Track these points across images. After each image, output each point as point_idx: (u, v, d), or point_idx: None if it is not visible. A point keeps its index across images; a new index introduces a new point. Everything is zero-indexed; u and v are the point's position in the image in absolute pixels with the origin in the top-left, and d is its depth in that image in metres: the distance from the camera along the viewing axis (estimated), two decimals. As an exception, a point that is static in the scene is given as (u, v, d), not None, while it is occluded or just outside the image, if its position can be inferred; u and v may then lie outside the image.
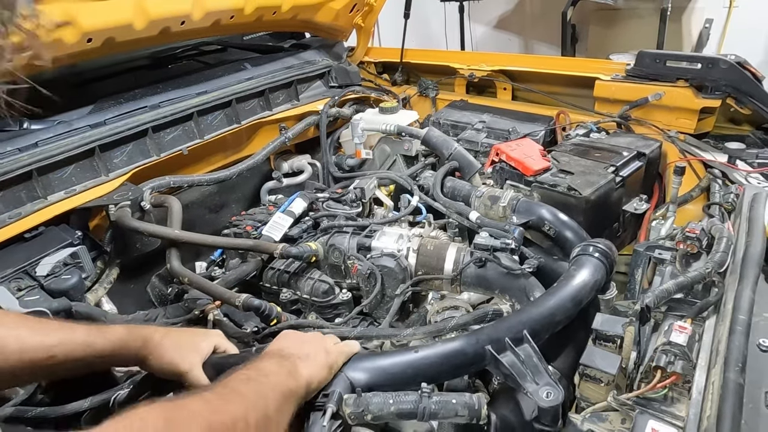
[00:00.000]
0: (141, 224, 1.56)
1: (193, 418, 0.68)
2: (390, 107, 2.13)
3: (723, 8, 4.20)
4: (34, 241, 1.45)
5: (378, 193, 1.83)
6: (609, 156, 1.71)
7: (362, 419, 0.89)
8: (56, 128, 1.63)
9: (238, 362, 1.07)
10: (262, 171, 2.25)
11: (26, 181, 1.50)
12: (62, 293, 1.33)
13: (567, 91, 2.28)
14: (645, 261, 1.41)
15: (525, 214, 1.52)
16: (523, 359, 0.98)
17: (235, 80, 2.11)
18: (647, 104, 1.95)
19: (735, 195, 1.50)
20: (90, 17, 1.51)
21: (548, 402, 0.89)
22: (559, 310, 1.11)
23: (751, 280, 1.04)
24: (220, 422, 0.70)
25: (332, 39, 2.58)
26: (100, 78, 2.08)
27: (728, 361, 0.87)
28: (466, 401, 0.90)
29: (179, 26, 1.77)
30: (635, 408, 0.93)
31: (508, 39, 5.61)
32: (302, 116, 2.27)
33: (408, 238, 1.50)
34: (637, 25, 4.17)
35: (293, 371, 0.87)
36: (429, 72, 2.69)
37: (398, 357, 1.01)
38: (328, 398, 0.89)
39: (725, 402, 0.80)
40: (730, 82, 1.78)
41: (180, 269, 1.48)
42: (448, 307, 1.38)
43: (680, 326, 0.99)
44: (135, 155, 1.77)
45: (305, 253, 1.46)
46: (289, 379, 0.85)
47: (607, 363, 1.05)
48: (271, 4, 2.01)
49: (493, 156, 1.80)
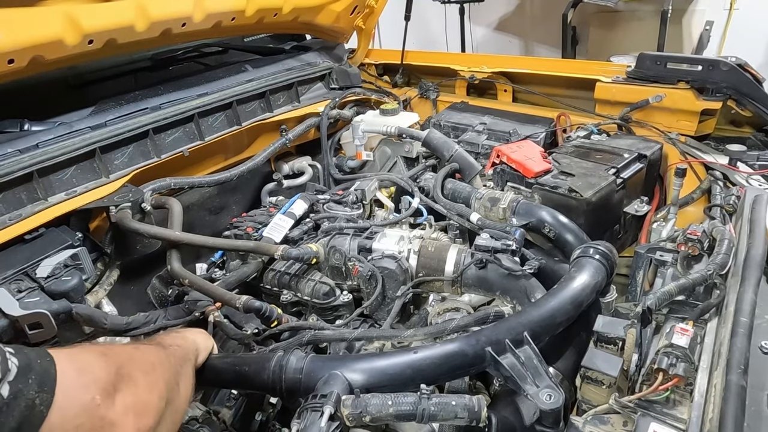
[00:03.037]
0: (141, 226, 1.56)
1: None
2: (391, 109, 2.13)
3: (723, 10, 4.21)
4: (35, 243, 1.45)
5: (379, 195, 1.82)
6: (610, 158, 1.71)
7: (360, 421, 0.88)
8: (57, 130, 1.63)
9: (235, 363, 1.08)
10: (262, 173, 2.25)
11: (27, 183, 1.50)
12: (62, 295, 1.33)
13: (568, 93, 2.28)
14: (646, 263, 1.40)
15: (525, 216, 1.52)
16: (523, 361, 0.97)
17: (236, 82, 2.11)
18: (648, 106, 1.95)
19: (736, 197, 1.50)
20: (91, 19, 1.51)
21: (549, 405, 0.88)
22: (559, 312, 1.11)
23: (753, 282, 1.04)
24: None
25: (333, 41, 2.58)
26: (100, 79, 2.08)
27: (730, 363, 0.86)
28: (466, 403, 0.90)
29: (180, 28, 1.77)
30: (637, 410, 0.93)
31: (509, 41, 5.62)
32: (303, 118, 2.27)
33: (409, 239, 1.50)
34: (638, 27, 4.18)
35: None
36: (430, 74, 2.69)
37: (397, 358, 1.01)
38: (326, 399, 0.88)
39: (727, 404, 0.80)
40: (730, 84, 1.78)
41: (180, 271, 1.48)
42: (449, 308, 1.38)
43: (682, 328, 0.99)
44: (136, 157, 1.77)
45: (306, 254, 1.46)
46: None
47: (609, 365, 1.05)
48: (272, 6, 2.01)
49: (494, 158, 1.80)
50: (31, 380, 0.61)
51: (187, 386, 0.93)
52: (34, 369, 0.63)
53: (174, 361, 0.90)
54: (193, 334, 1.07)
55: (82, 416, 0.66)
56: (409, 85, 2.76)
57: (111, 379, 0.72)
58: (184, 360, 0.96)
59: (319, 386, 0.95)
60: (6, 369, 0.60)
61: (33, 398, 0.61)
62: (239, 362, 1.08)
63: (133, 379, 0.75)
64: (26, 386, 0.61)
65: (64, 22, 1.45)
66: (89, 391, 0.68)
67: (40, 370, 0.63)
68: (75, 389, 0.67)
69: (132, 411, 0.72)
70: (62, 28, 1.46)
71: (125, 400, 0.72)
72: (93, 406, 0.68)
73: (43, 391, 0.62)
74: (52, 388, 0.63)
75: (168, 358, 0.89)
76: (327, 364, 1.00)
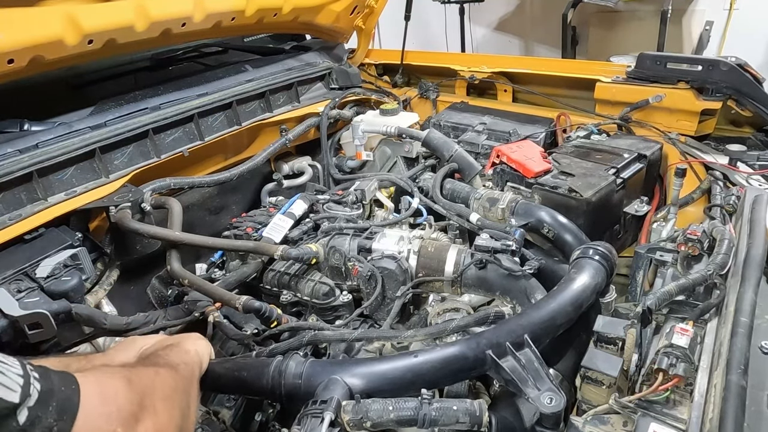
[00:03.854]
0: (141, 226, 1.56)
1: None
2: (390, 109, 2.13)
3: (723, 10, 4.21)
4: (34, 243, 1.45)
5: (378, 195, 1.82)
6: (610, 158, 1.71)
7: (361, 426, 0.88)
8: (57, 130, 1.62)
9: (234, 368, 1.07)
10: (262, 173, 2.25)
11: (27, 183, 1.50)
12: (62, 295, 1.32)
13: (567, 93, 2.28)
14: (646, 263, 1.40)
15: (524, 217, 1.52)
16: (524, 364, 0.97)
17: (236, 82, 2.11)
18: (648, 106, 1.95)
19: (736, 197, 1.50)
20: (91, 19, 1.51)
21: (550, 408, 0.88)
22: (559, 314, 1.10)
23: (753, 282, 1.04)
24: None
25: (333, 41, 2.58)
26: (100, 79, 2.08)
27: (730, 363, 0.86)
28: (467, 408, 0.90)
29: (180, 28, 1.77)
30: (637, 410, 0.93)
31: (509, 41, 5.63)
32: (303, 118, 2.27)
33: (408, 240, 1.50)
34: (638, 27, 4.18)
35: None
36: (429, 74, 2.69)
37: (397, 362, 1.00)
38: (326, 405, 0.88)
39: (727, 404, 0.80)
40: (730, 84, 1.78)
41: (180, 271, 1.48)
42: (448, 308, 1.38)
43: (682, 328, 0.99)
44: (135, 157, 1.77)
45: (306, 255, 1.46)
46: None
47: (609, 365, 1.05)
48: (272, 6, 2.01)
49: (494, 158, 1.79)
50: (51, 408, 0.61)
51: (195, 405, 0.93)
52: (56, 396, 0.62)
53: (184, 384, 0.90)
54: (195, 344, 1.05)
55: None
56: (409, 85, 2.76)
57: (134, 410, 0.72)
58: (192, 379, 0.96)
59: (318, 391, 0.94)
60: (27, 394, 0.59)
61: (50, 426, 0.60)
62: (238, 367, 1.07)
63: (155, 408, 0.76)
64: (45, 414, 0.60)
65: (64, 22, 1.45)
66: (111, 423, 0.68)
67: (62, 397, 0.63)
68: (97, 418, 0.66)
69: None
70: (62, 28, 1.46)
71: (146, 430, 0.72)
72: None
73: (62, 420, 0.62)
74: (73, 416, 0.63)
75: (181, 382, 0.89)
76: (326, 369, 1.00)
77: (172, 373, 0.89)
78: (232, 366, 1.09)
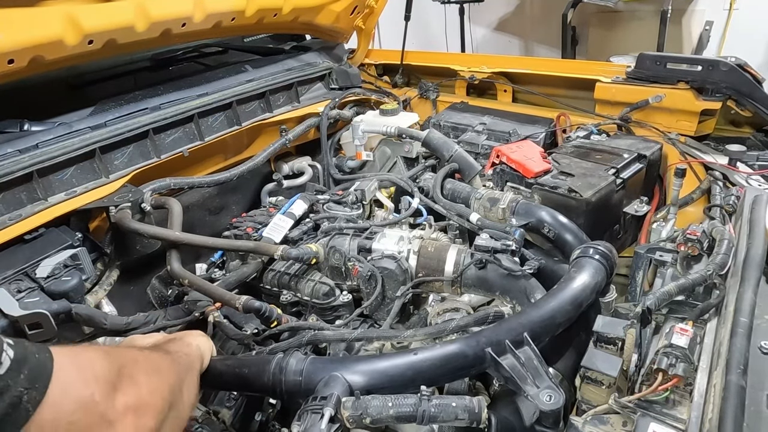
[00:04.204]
0: (141, 226, 1.56)
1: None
2: (390, 109, 2.13)
3: (723, 10, 4.22)
4: (34, 243, 1.45)
5: (378, 195, 1.82)
6: (610, 158, 1.71)
7: (361, 422, 0.88)
8: (57, 130, 1.63)
9: (235, 365, 1.07)
10: (262, 173, 2.25)
11: (27, 183, 1.50)
12: (62, 295, 1.33)
13: (567, 93, 2.28)
14: (646, 263, 1.40)
15: (524, 217, 1.52)
16: (523, 362, 0.97)
17: (236, 82, 2.11)
18: (648, 106, 1.95)
19: (736, 197, 1.50)
20: (91, 19, 1.51)
21: (549, 405, 0.88)
22: (559, 312, 1.10)
23: (753, 282, 1.04)
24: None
25: (333, 41, 2.58)
26: (100, 80, 2.08)
27: (730, 363, 0.86)
28: (467, 404, 0.90)
29: (180, 28, 1.77)
30: (636, 410, 0.93)
31: (509, 41, 5.63)
32: (303, 118, 2.27)
33: (408, 240, 1.50)
34: (638, 27, 4.18)
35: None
36: (429, 74, 2.69)
37: (397, 359, 1.00)
38: (326, 401, 0.88)
39: (727, 404, 0.80)
40: (730, 84, 1.78)
41: (180, 271, 1.48)
42: (448, 308, 1.38)
43: (681, 328, 0.99)
44: (135, 157, 1.77)
45: (306, 255, 1.46)
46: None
47: (609, 365, 1.05)
48: (272, 6, 2.01)
49: (494, 158, 1.80)
50: (23, 375, 0.60)
51: (192, 394, 0.92)
52: (29, 362, 0.61)
53: (178, 368, 0.89)
54: (196, 339, 1.06)
55: (78, 412, 0.65)
56: (409, 85, 2.76)
57: (112, 378, 0.70)
58: (189, 368, 0.95)
59: (319, 388, 0.95)
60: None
61: (20, 395, 0.59)
62: (239, 364, 1.08)
63: (136, 380, 0.74)
64: (15, 382, 0.59)
65: (64, 22, 1.45)
66: (88, 387, 0.67)
67: (35, 364, 0.62)
68: (73, 384, 0.65)
69: (132, 411, 0.71)
70: (62, 28, 1.46)
71: (126, 399, 0.70)
72: (91, 402, 0.66)
73: (33, 388, 0.61)
74: (45, 384, 0.62)
75: (173, 365, 0.88)
76: (327, 366, 1.00)
77: (160, 355, 0.89)
78: (233, 363, 1.09)
